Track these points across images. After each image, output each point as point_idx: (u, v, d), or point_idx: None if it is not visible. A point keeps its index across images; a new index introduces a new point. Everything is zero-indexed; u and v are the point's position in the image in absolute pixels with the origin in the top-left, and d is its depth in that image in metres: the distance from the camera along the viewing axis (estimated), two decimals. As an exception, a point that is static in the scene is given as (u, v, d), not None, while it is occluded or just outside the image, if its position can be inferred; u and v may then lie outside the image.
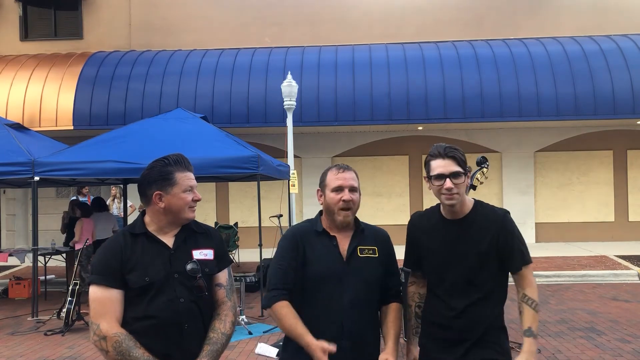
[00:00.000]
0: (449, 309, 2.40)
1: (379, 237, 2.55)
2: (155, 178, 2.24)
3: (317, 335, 2.30)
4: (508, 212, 2.46)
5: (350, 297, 2.37)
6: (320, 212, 2.56)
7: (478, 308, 2.38)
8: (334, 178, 2.45)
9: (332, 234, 2.46)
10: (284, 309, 2.36)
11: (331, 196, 2.43)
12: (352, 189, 2.44)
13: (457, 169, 2.34)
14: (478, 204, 2.48)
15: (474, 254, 2.37)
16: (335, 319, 2.35)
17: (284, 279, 2.41)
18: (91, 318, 2.13)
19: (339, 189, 2.43)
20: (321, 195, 2.50)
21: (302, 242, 2.45)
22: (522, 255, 2.41)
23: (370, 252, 2.46)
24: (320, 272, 2.40)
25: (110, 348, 2.05)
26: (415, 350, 2.55)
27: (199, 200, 2.29)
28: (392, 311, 2.49)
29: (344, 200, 2.40)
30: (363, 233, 2.50)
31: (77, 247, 8.71)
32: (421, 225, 2.54)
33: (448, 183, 2.33)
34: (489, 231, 2.38)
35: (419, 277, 2.62)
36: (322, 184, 2.50)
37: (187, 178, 2.26)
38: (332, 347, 2.25)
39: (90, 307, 2.14)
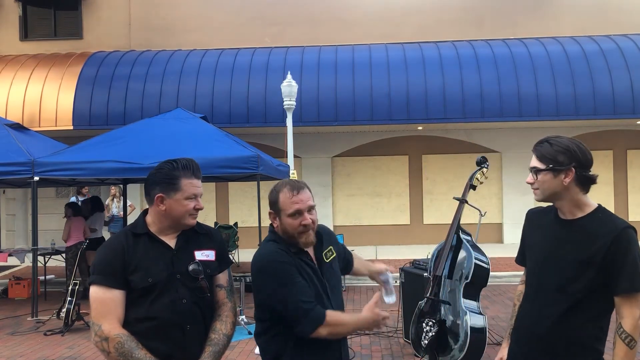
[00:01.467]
0: (537, 314, 2.26)
1: (326, 234, 2.46)
2: (160, 180, 2.22)
3: (323, 347, 2.27)
4: (631, 228, 2.16)
5: (334, 303, 2.35)
6: (273, 234, 2.36)
7: (567, 319, 2.17)
8: (290, 202, 2.25)
9: (305, 249, 2.33)
10: (334, 314, 2.22)
11: (289, 222, 2.26)
12: (310, 209, 2.29)
13: (537, 164, 2.26)
14: (599, 209, 2.26)
15: (572, 259, 2.17)
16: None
17: (309, 294, 2.23)
18: (92, 318, 2.12)
19: (297, 213, 2.25)
20: (275, 218, 2.32)
21: (296, 267, 2.27)
22: (631, 278, 2.09)
23: (331, 252, 2.44)
24: (314, 292, 2.28)
25: (112, 349, 2.04)
26: (504, 352, 2.46)
27: (200, 209, 2.25)
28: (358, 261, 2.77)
29: (303, 225, 2.26)
30: (319, 237, 2.40)
31: (68, 244, 8.80)
32: (534, 221, 2.44)
33: (529, 177, 2.30)
34: (599, 240, 2.13)
35: None
36: (275, 207, 2.30)
37: (192, 185, 2.22)
38: (384, 314, 2.24)
39: (91, 307, 2.13)
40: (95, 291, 2.12)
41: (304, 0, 14.91)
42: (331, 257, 2.42)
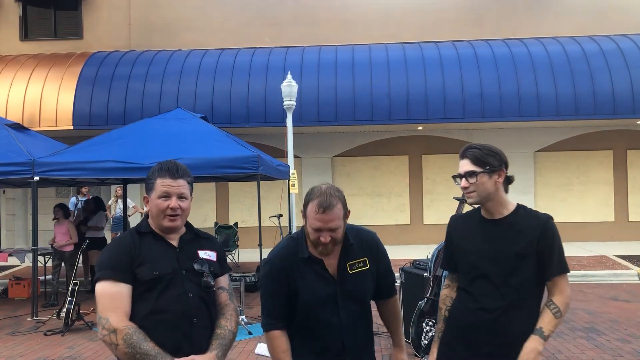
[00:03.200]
0: (482, 310, 2.37)
1: (366, 243, 2.45)
2: (145, 183, 2.32)
3: (321, 355, 2.36)
4: (551, 218, 2.42)
5: (348, 315, 2.36)
6: (303, 230, 2.43)
7: (511, 312, 2.34)
8: (313, 218, 2.28)
9: (319, 257, 2.36)
10: (276, 340, 2.36)
11: (309, 231, 2.32)
12: (331, 230, 2.28)
13: (471, 168, 2.39)
14: (520, 207, 2.46)
15: (510, 255, 2.35)
16: (336, 338, 2.35)
17: (277, 308, 2.38)
18: (99, 313, 2.12)
19: (317, 230, 2.29)
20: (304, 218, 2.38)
21: (290, 270, 2.36)
22: (561, 263, 2.36)
23: (361, 264, 2.40)
24: (314, 299, 2.34)
25: (120, 341, 2.05)
26: (434, 356, 2.56)
27: (175, 208, 2.22)
28: (391, 306, 2.55)
29: (322, 244, 2.30)
30: (351, 247, 2.40)
31: (69, 248, 8.68)
32: (459, 226, 2.57)
33: (462, 182, 2.42)
34: (530, 234, 2.35)
35: (454, 281, 2.60)
36: (304, 212, 2.35)
37: (164, 184, 2.23)
38: None
39: (98, 302, 2.14)
40: (102, 286, 2.14)
41: (304, 0, 14.91)
42: (358, 269, 2.39)
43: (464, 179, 2.40)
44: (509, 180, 2.46)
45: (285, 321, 2.38)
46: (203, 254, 2.32)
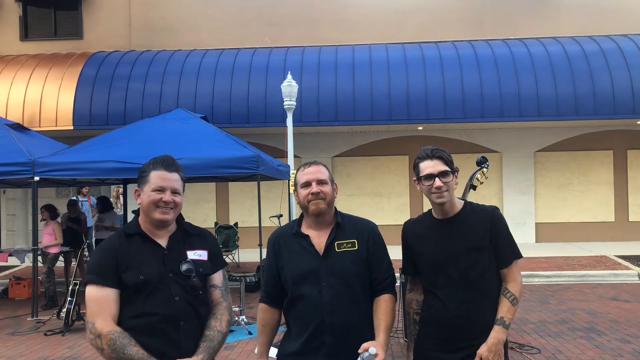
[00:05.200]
0: (446, 307, 2.43)
1: (360, 228, 2.49)
2: (138, 176, 2.31)
3: (302, 331, 2.41)
4: (497, 208, 2.55)
5: (330, 292, 2.38)
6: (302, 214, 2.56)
7: (475, 306, 2.42)
8: (301, 174, 2.48)
9: (306, 232, 2.47)
10: (260, 313, 2.59)
11: (302, 195, 2.45)
12: (320, 182, 2.43)
13: (445, 168, 2.44)
14: (467, 203, 2.56)
15: (467, 250, 2.43)
16: (316, 314, 2.38)
17: (268, 283, 2.56)
18: (87, 317, 2.16)
19: (306, 185, 2.44)
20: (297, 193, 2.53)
21: (279, 246, 2.51)
22: (512, 249, 2.48)
23: (349, 245, 2.44)
24: (296, 273, 2.43)
25: (105, 346, 2.07)
26: (411, 355, 2.61)
27: (168, 201, 2.23)
28: (383, 302, 2.43)
29: (312, 194, 2.41)
30: (341, 227, 2.46)
31: (54, 250, 8.62)
32: (413, 230, 2.61)
33: (437, 182, 2.43)
34: (481, 227, 2.45)
35: (417, 284, 2.65)
36: (295, 187, 2.53)
37: (159, 177, 2.24)
38: None
39: (87, 307, 2.18)
40: (90, 290, 2.17)
41: (304, 0, 14.91)
42: (346, 249, 2.43)
43: (437, 179, 2.42)
44: None
45: (273, 296, 2.54)
46: (192, 254, 2.29)
